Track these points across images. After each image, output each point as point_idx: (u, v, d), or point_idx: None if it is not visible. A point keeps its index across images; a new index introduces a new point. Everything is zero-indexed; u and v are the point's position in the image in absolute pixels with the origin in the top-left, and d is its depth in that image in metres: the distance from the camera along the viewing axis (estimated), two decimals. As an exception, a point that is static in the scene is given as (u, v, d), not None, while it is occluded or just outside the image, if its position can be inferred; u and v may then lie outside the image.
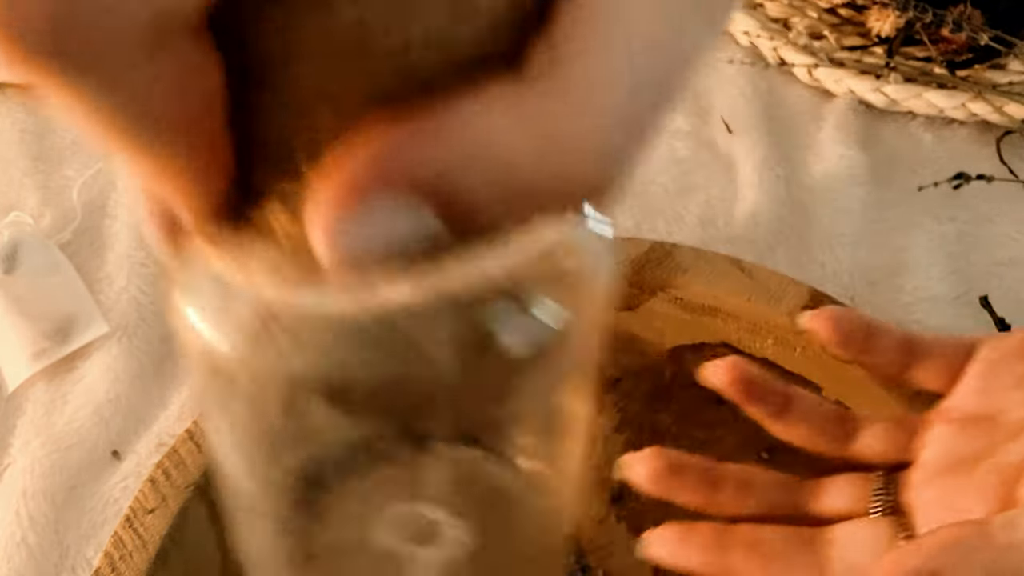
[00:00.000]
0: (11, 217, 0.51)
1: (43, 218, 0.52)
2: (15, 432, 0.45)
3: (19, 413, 0.45)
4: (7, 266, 0.49)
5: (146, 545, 0.36)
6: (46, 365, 0.46)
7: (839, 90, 0.52)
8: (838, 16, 0.56)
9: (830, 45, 0.54)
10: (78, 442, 0.44)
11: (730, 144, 0.52)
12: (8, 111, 0.57)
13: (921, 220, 0.48)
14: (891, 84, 0.51)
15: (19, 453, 0.44)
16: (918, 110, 0.51)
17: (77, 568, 0.41)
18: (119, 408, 0.45)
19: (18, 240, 0.50)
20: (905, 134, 0.52)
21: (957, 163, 0.50)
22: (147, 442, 0.44)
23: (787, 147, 0.52)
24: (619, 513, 0.41)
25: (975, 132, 0.51)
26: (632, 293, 0.42)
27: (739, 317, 0.41)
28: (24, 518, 0.42)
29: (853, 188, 0.49)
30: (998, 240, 0.48)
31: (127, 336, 0.47)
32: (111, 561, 0.36)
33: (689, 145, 0.52)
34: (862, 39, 0.54)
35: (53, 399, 0.45)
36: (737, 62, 0.55)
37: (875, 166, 0.51)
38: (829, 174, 0.50)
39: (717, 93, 0.54)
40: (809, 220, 0.49)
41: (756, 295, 0.41)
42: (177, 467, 0.38)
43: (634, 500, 0.41)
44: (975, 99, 0.50)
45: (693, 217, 0.49)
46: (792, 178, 0.50)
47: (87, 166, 0.54)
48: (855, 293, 0.46)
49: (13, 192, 0.53)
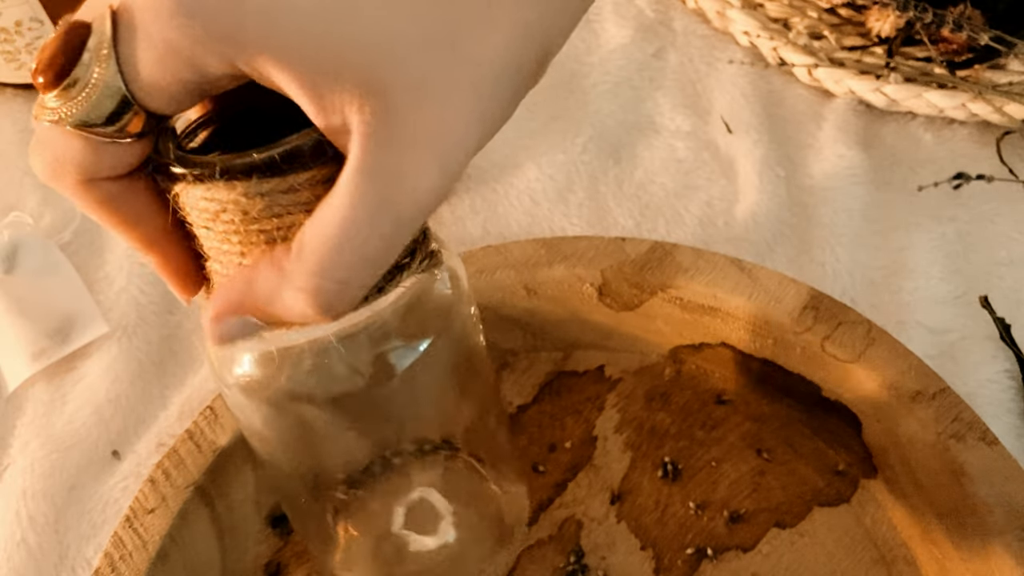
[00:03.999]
0: (11, 217, 0.51)
1: (43, 218, 0.52)
2: (15, 432, 0.45)
3: (19, 413, 0.45)
4: (7, 266, 0.49)
5: (146, 545, 0.36)
6: (46, 365, 0.46)
7: (839, 90, 0.52)
8: (838, 16, 0.56)
9: (830, 45, 0.54)
10: (78, 442, 0.44)
11: (730, 144, 0.52)
12: (8, 111, 0.57)
13: (921, 220, 0.48)
14: (891, 84, 0.51)
15: (19, 453, 0.44)
16: (918, 110, 0.51)
17: (77, 568, 0.41)
18: (119, 408, 0.45)
19: (18, 240, 0.50)
20: (905, 134, 0.52)
21: (957, 163, 0.50)
22: (147, 442, 0.44)
23: (787, 147, 0.52)
24: (619, 513, 0.41)
25: (975, 132, 0.51)
26: (632, 293, 0.42)
27: (739, 317, 0.41)
28: (24, 518, 0.42)
29: (853, 188, 0.49)
30: (998, 240, 0.48)
31: (127, 336, 0.47)
32: (111, 561, 0.36)
33: (689, 145, 0.52)
34: (862, 39, 0.54)
35: (53, 399, 0.45)
36: (737, 62, 0.55)
37: (875, 166, 0.51)
38: (829, 174, 0.50)
39: (717, 93, 0.54)
40: (809, 220, 0.49)
41: (756, 295, 0.41)
42: (177, 467, 0.38)
43: (634, 500, 0.41)
44: (975, 99, 0.50)
45: (693, 217, 0.49)
46: (792, 178, 0.50)
47: (87, 166, 0.54)
48: (855, 293, 0.46)
49: (13, 192, 0.53)
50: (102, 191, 0.24)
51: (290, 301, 0.23)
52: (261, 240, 0.24)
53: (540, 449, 0.42)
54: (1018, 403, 0.42)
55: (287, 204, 0.23)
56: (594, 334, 0.44)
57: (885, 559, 0.39)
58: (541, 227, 0.49)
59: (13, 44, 0.54)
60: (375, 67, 0.22)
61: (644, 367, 0.44)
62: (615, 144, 0.53)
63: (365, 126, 0.22)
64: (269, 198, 0.23)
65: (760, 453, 0.42)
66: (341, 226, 0.22)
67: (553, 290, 0.43)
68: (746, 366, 0.42)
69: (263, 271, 0.24)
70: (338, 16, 0.21)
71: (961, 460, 0.37)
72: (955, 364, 0.43)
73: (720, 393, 0.43)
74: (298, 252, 0.23)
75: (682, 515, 0.41)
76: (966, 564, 0.36)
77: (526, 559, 0.40)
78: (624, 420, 0.43)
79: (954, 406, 0.38)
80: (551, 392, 0.44)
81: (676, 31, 0.58)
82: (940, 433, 0.37)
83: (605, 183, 0.51)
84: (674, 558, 0.39)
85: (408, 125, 0.22)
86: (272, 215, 0.24)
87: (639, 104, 0.54)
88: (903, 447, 0.38)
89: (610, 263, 0.42)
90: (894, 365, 0.39)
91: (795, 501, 0.41)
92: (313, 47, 0.21)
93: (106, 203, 0.24)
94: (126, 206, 0.25)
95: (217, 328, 0.25)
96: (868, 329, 0.40)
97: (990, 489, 0.36)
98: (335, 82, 0.22)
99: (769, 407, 0.42)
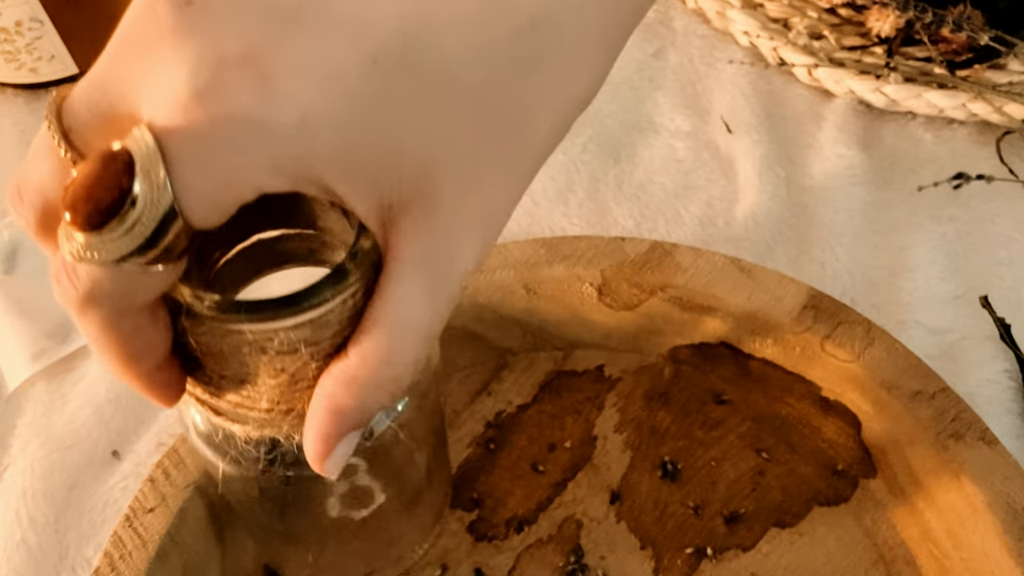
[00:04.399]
0: (11, 217, 0.51)
1: (43, 218, 0.52)
2: (15, 432, 0.45)
3: (19, 413, 0.45)
4: (7, 266, 0.49)
5: (146, 545, 0.36)
6: (46, 365, 0.46)
7: (839, 90, 0.52)
8: (838, 16, 0.56)
9: (830, 45, 0.54)
10: (78, 442, 0.44)
11: (730, 144, 0.52)
12: (8, 111, 0.57)
13: (921, 220, 0.48)
14: (891, 84, 0.51)
15: (19, 453, 0.44)
16: (918, 110, 0.51)
17: (77, 568, 0.41)
18: (119, 408, 0.45)
19: (18, 240, 0.50)
20: (905, 134, 0.52)
21: (957, 163, 0.50)
22: (147, 442, 0.44)
23: (787, 147, 0.52)
24: (618, 513, 0.41)
25: (975, 132, 0.51)
26: (632, 293, 0.42)
27: (739, 317, 0.41)
28: (24, 518, 0.42)
29: (853, 188, 0.49)
30: (998, 240, 0.48)
31: (127, 336, 0.47)
32: (111, 561, 0.36)
33: (689, 145, 0.52)
34: (862, 39, 0.54)
35: (53, 399, 0.45)
36: (737, 62, 0.55)
37: (875, 166, 0.51)
38: (829, 174, 0.50)
39: (717, 93, 0.54)
40: (809, 220, 0.49)
41: (756, 295, 0.41)
42: (177, 467, 0.38)
43: (633, 500, 0.41)
44: (975, 99, 0.50)
45: (693, 217, 0.49)
46: (792, 178, 0.50)
47: (87, 166, 0.54)
48: (855, 293, 0.46)
49: (13, 192, 0.53)
50: (131, 320, 0.22)
51: (375, 405, 0.24)
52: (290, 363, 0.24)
53: (540, 449, 0.42)
54: (1018, 403, 0.42)
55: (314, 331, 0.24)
56: (593, 334, 0.44)
57: (885, 559, 0.39)
58: (541, 227, 0.49)
59: (13, 44, 0.54)
60: (431, 171, 0.22)
61: (643, 367, 0.44)
62: (615, 144, 0.53)
63: (417, 222, 0.22)
64: (295, 332, 0.23)
65: (759, 453, 0.42)
66: (405, 317, 0.23)
67: (553, 290, 0.43)
68: (746, 366, 0.42)
69: (338, 390, 0.24)
70: (400, 123, 0.21)
71: (961, 460, 0.37)
72: (955, 364, 0.43)
73: (719, 393, 0.43)
74: (365, 357, 0.23)
75: (681, 515, 0.41)
76: (966, 564, 0.36)
77: (525, 559, 0.40)
78: (624, 420, 0.43)
79: (953, 406, 0.38)
80: (550, 392, 0.44)
81: (676, 31, 0.58)
82: (940, 433, 0.37)
83: (605, 183, 0.51)
84: (673, 558, 0.39)
85: (458, 214, 0.22)
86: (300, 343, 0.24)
87: (639, 104, 0.54)
88: (903, 447, 0.38)
89: (610, 263, 0.42)
90: (894, 365, 0.39)
91: (795, 501, 0.41)
92: (374, 160, 0.21)
93: (127, 334, 0.23)
94: (137, 336, 0.23)
95: (329, 464, 0.25)
96: (868, 329, 0.40)
97: (990, 489, 0.36)
98: (391, 188, 0.22)
99: (769, 407, 0.42)
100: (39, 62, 0.55)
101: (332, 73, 0.20)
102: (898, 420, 0.38)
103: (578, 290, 0.42)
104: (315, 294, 0.23)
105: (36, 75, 0.56)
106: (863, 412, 0.40)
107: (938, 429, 0.37)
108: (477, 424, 0.43)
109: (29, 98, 0.57)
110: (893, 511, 0.39)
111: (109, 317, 0.22)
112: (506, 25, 0.22)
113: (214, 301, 0.23)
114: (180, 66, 0.20)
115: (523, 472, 0.42)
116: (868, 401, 0.39)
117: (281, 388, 0.25)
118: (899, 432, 0.38)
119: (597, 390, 0.44)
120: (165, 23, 0.20)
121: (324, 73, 0.20)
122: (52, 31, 0.54)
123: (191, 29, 0.20)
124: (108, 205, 0.20)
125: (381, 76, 0.21)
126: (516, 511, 0.41)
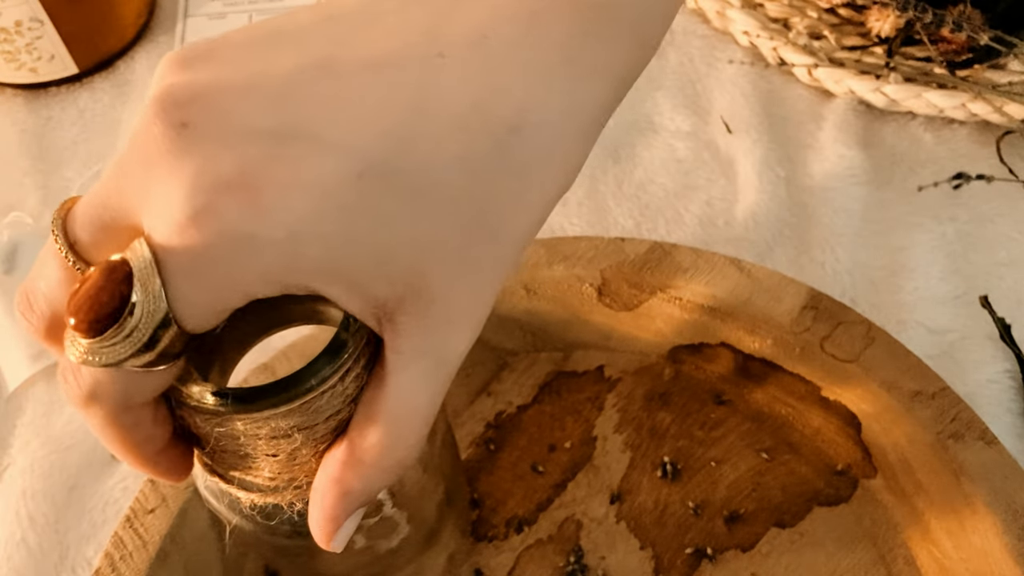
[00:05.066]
0: (11, 217, 0.51)
1: (43, 218, 0.52)
2: (15, 432, 0.45)
3: (19, 413, 0.45)
4: (7, 266, 0.49)
5: (146, 545, 0.36)
6: (46, 365, 0.46)
7: (839, 90, 0.52)
8: (838, 16, 0.56)
9: (830, 45, 0.54)
10: (78, 442, 0.44)
11: (730, 144, 0.52)
12: (8, 111, 0.57)
13: (921, 220, 0.48)
14: (891, 84, 0.51)
15: (19, 453, 0.44)
16: (918, 110, 0.51)
17: (77, 568, 0.41)
18: (119, 408, 0.45)
19: (18, 240, 0.50)
20: (905, 134, 0.52)
21: (957, 163, 0.50)
22: (147, 442, 0.44)
23: (787, 147, 0.52)
24: (618, 513, 0.41)
25: (975, 132, 0.51)
26: (631, 293, 0.42)
27: (739, 317, 0.41)
28: (24, 518, 0.42)
29: (853, 188, 0.49)
30: (998, 240, 0.48)
31: (127, 336, 0.47)
32: (111, 561, 0.36)
33: (689, 145, 0.52)
34: (862, 39, 0.54)
35: (53, 399, 0.46)
36: (737, 62, 0.55)
37: (875, 166, 0.51)
38: (829, 174, 0.50)
39: (717, 93, 0.54)
40: (809, 220, 0.49)
41: (756, 295, 0.41)
42: (177, 467, 0.38)
43: (633, 500, 0.41)
44: (975, 99, 0.50)
45: (693, 217, 0.49)
46: (792, 178, 0.50)
47: (87, 166, 0.54)
48: (855, 293, 0.46)
49: (13, 192, 0.53)
50: (132, 415, 0.24)
51: (381, 485, 0.25)
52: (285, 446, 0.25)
53: (540, 449, 0.42)
54: (1018, 403, 0.42)
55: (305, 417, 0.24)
56: (594, 334, 0.44)
57: (885, 559, 0.39)
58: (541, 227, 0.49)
59: (13, 44, 0.54)
60: (421, 272, 0.23)
61: (643, 367, 0.44)
62: (614, 144, 0.53)
63: (412, 316, 0.23)
64: (285, 420, 0.24)
65: (759, 453, 0.42)
66: (408, 405, 0.24)
67: (553, 290, 0.43)
68: (745, 366, 0.42)
69: (345, 474, 0.25)
70: (387, 232, 0.22)
71: (960, 460, 0.37)
72: (955, 364, 0.43)
73: (719, 393, 0.43)
74: (370, 444, 0.25)
75: (681, 515, 0.41)
76: (966, 564, 0.36)
77: (525, 559, 0.40)
78: (624, 420, 0.43)
79: (953, 406, 0.38)
80: (551, 392, 0.44)
81: (676, 31, 0.58)
82: (939, 433, 0.37)
83: (604, 183, 0.51)
84: (673, 558, 0.39)
85: (450, 305, 0.24)
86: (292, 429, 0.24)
87: (638, 104, 0.54)
88: (903, 447, 0.38)
89: (609, 263, 0.42)
90: (893, 365, 0.39)
91: (795, 501, 0.41)
92: (365, 267, 0.22)
93: (130, 426, 0.24)
94: (139, 427, 0.24)
95: (336, 542, 0.26)
96: (867, 329, 0.40)
97: (990, 489, 0.36)
98: (383, 289, 0.23)
99: (769, 407, 0.42)
100: (39, 62, 0.55)
101: (320, 189, 0.21)
102: (898, 420, 0.38)
103: (578, 291, 0.42)
104: (300, 382, 0.23)
105: (36, 75, 0.56)
106: (863, 412, 0.40)
107: (938, 429, 0.37)
108: (477, 425, 0.43)
109: (29, 98, 0.57)
110: (893, 511, 0.39)
111: (111, 413, 0.24)
112: (487, 134, 0.23)
113: (202, 393, 0.24)
114: (177, 187, 0.21)
115: (523, 472, 0.42)
116: (868, 401, 0.39)
117: (280, 465, 0.25)
118: (899, 432, 0.38)
119: (597, 391, 0.44)
120: (163, 144, 0.22)
121: (312, 190, 0.21)
122: (52, 31, 0.54)
123: (186, 151, 0.21)
124: (109, 313, 0.22)
125: (367, 190, 0.22)
126: (516, 511, 0.41)
